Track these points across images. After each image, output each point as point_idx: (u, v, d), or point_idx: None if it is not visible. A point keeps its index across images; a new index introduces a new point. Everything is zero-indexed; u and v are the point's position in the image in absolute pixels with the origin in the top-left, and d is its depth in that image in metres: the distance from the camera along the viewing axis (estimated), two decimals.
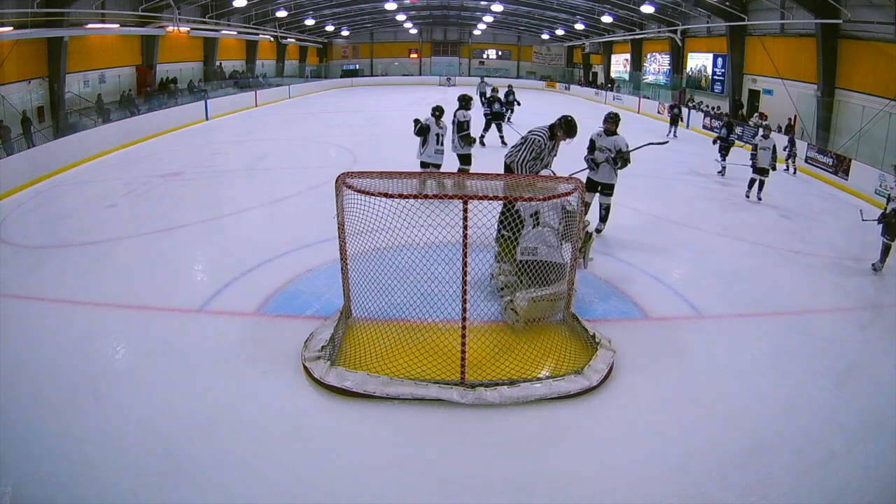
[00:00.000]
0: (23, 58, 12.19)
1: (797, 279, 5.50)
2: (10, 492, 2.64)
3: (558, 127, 5.31)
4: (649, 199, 8.18)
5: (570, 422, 3.20)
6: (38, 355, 3.76)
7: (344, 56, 34.73)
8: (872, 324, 4.64)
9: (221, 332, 4.11)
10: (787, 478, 2.81)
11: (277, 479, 2.74)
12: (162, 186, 8.52)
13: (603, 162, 6.11)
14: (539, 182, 4.17)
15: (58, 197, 8.22)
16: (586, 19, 24.45)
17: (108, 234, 6.37)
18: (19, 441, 2.93)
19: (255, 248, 5.64)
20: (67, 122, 12.47)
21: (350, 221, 3.73)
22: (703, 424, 3.20)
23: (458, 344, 3.40)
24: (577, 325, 4.03)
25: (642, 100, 21.42)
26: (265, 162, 10.66)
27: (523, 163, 5.21)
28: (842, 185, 10.16)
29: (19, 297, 4.68)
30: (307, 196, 7.82)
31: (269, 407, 3.26)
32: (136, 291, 4.74)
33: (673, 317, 4.53)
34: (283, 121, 16.60)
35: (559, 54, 34.59)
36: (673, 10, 19.35)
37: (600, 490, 2.73)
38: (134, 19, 15.51)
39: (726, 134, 10.19)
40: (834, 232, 7.37)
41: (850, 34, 12.15)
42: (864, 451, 3.02)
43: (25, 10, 11.49)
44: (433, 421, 3.16)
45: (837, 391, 3.60)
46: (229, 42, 22.75)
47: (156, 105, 15.54)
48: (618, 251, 5.86)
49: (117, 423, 3.08)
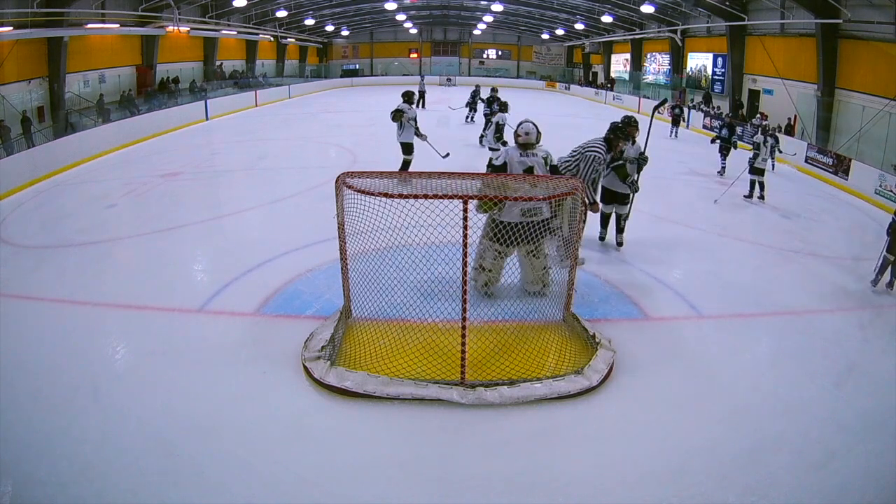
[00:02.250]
0: (23, 58, 12.20)
1: (797, 279, 5.50)
2: (10, 492, 2.64)
3: (616, 137, 5.20)
4: (649, 199, 8.15)
5: (570, 422, 3.20)
6: (38, 355, 3.76)
7: (344, 56, 34.72)
8: (872, 324, 4.63)
9: (221, 332, 4.11)
10: (787, 478, 2.81)
11: (277, 478, 2.74)
12: (162, 186, 8.52)
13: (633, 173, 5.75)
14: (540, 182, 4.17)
15: (58, 197, 8.22)
16: (586, 19, 24.45)
17: (108, 234, 6.37)
18: (19, 441, 2.93)
19: (255, 248, 5.64)
20: (67, 122, 12.47)
21: (350, 221, 3.73)
22: (703, 424, 3.20)
23: (458, 344, 3.40)
24: (577, 325, 4.03)
25: (642, 99, 21.41)
26: (265, 162, 10.67)
27: (585, 178, 4.99)
28: (842, 185, 10.16)
29: (19, 297, 4.68)
30: (307, 196, 7.81)
31: (269, 407, 3.25)
32: (136, 291, 4.74)
33: (673, 317, 4.53)
34: (283, 121, 16.59)
35: (559, 54, 34.58)
36: (673, 10, 19.34)
37: (600, 490, 2.73)
38: (134, 19, 15.51)
39: (728, 135, 10.16)
40: (834, 232, 7.37)
41: (850, 34, 12.15)
42: (864, 451, 3.02)
43: (25, 10, 11.49)
44: (433, 421, 3.16)
45: (837, 391, 3.60)
46: (229, 42, 22.75)
47: (156, 105, 15.53)
48: (618, 251, 5.86)
49: (117, 423, 3.07)
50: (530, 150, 4.58)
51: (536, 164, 4.56)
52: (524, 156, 4.56)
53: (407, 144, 7.92)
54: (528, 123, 4.63)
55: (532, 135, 4.60)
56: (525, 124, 4.63)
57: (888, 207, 8.75)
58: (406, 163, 7.95)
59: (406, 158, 7.95)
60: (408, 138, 7.88)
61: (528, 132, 4.59)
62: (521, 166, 4.53)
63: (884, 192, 9.00)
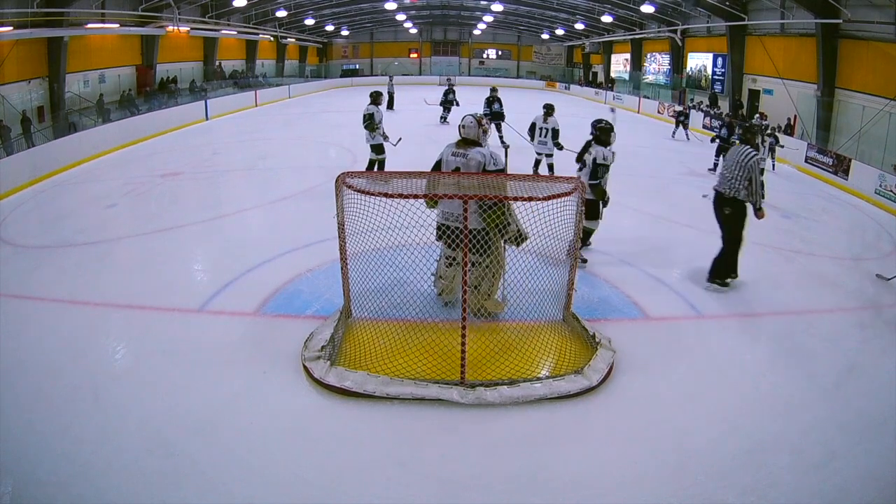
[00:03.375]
0: (23, 58, 12.20)
1: (797, 279, 5.50)
2: (10, 492, 2.64)
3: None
4: (649, 199, 8.18)
5: (570, 422, 3.20)
6: (38, 355, 3.76)
7: (344, 56, 34.73)
8: (872, 324, 4.63)
9: (221, 332, 4.10)
10: (787, 478, 2.81)
11: (277, 478, 2.73)
12: (162, 186, 8.52)
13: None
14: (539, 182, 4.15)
15: (57, 197, 8.22)
16: (586, 19, 24.46)
17: (108, 234, 6.37)
18: (19, 441, 2.93)
19: (255, 248, 5.63)
20: (67, 122, 12.46)
21: (350, 221, 3.72)
22: (703, 424, 3.19)
23: (457, 344, 3.40)
24: (577, 325, 4.03)
25: (642, 99, 21.41)
26: (265, 162, 10.67)
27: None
28: (842, 185, 10.16)
29: (19, 297, 4.68)
30: (307, 196, 7.81)
31: (269, 407, 3.25)
32: (136, 291, 4.74)
33: (673, 317, 4.53)
34: (283, 121, 16.59)
35: (559, 54, 34.60)
36: (673, 10, 19.35)
37: (600, 490, 2.73)
38: (134, 19, 15.52)
39: (727, 135, 10.13)
40: (834, 232, 7.37)
41: (850, 34, 12.15)
42: (864, 451, 3.02)
43: (25, 10, 11.49)
44: (433, 421, 3.16)
45: (837, 391, 3.60)
46: (229, 42, 22.76)
47: (156, 105, 15.54)
48: (618, 251, 5.86)
49: (117, 423, 3.07)
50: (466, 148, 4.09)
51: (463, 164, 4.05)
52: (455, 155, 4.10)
53: (377, 146, 8.06)
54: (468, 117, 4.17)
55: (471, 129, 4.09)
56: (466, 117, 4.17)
57: (888, 207, 8.77)
58: (381, 162, 8.08)
59: (379, 158, 8.08)
60: (378, 140, 8.03)
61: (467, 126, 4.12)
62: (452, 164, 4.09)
63: (884, 192, 9.00)
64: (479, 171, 3.99)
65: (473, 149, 4.06)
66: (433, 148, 4.61)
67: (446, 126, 14.31)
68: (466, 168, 3.99)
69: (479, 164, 4.01)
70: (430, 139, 10.41)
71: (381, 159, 8.10)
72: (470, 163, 4.01)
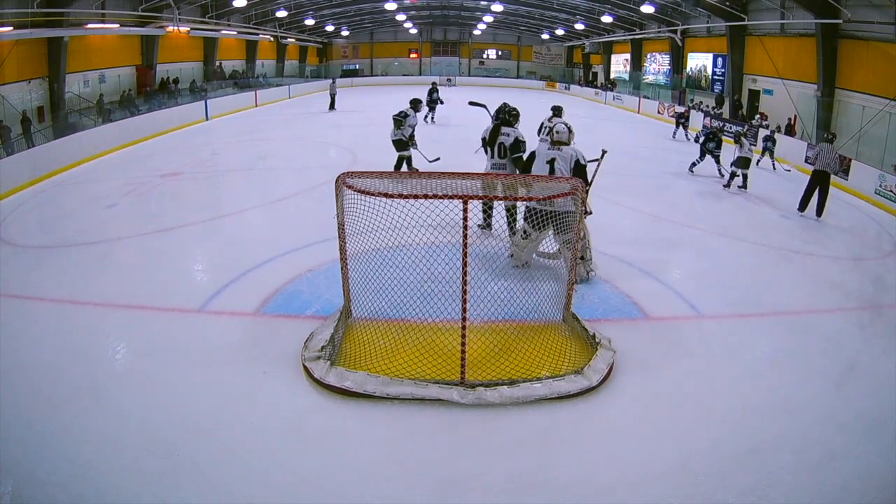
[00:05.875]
0: (23, 58, 12.19)
1: (797, 279, 5.50)
2: (10, 492, 2.64)
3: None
4: (649, 199, 8.18)
5: (570, 422, 3.20)
6: (38, 355, 3.76)
7: (344, 56, 34.73)
8: (872, 324, 4.63)
9: (221, 332, 4.11)
10: (787, 478, 2.81)
11: (277, 478, 2.73)
12: (162, 186, 8.52)
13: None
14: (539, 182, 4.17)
15: (58, 197, 8.22)
16: (586, 19, 24.45)
17: (108, 234, 6.36)
18: (19, 441, 2.93)
19: (255, 248, 5.63)
20: (67, 122, 12.46)
21: (350, 221, 3.73)
22: (703, 424, 3.19)
23: (458, 344, 3.40)
24: (577, 325, 4.03)
25: (642, 100, 21.41)
26: (265, 162, 10.67)
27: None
28: (842, 185, 10.15)
29: (19, 297, 4.68)
30: (307, 196, 7.82)
31: (270, 407, 3.25)
32: (136, 291, 4.74)
33: (673, 317, 4.53)
34: (283, 121, 16.60)
35: (559, 54, 34.59)
36: (673, 10, 19.35)
37: (600, 490, 2.73)
38: (134, 19, 15.51)
39: (714, 147, 9.92)
40: (834, 232, 7.37)
41: (850, 34, 12.15)
42: (864, 451, 3.02)
43: (25, 10, 11.48)
44: (433, 421, 3.16)
45: (837, 391, 3.60)
46: (229, 42, 22.75)
47: (156, 105, 15.54)
48: (618, 251, 5.85)
49: (117, 423, 3.07)
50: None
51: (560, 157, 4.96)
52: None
53: (396, 141, 8.07)
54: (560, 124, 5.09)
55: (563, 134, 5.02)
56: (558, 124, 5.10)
57: (888, 207, 8.77)
58: (407, 159, 8.10)
59: (402, 155, 8.09)
60: (397, 136, 8.06)
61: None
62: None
63: (884, 192, 9.00)
64: (571, 163, 4.86)
65: (567, 146, 4.96)
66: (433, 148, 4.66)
67: (433, 126, 14.40)
68: (562, 159, 4.88)
69: (571, 157, 4.88)
70: (431, 139, 10.43)
71: (405, 156, 8.13)
72: (564, 155, 4.89)
